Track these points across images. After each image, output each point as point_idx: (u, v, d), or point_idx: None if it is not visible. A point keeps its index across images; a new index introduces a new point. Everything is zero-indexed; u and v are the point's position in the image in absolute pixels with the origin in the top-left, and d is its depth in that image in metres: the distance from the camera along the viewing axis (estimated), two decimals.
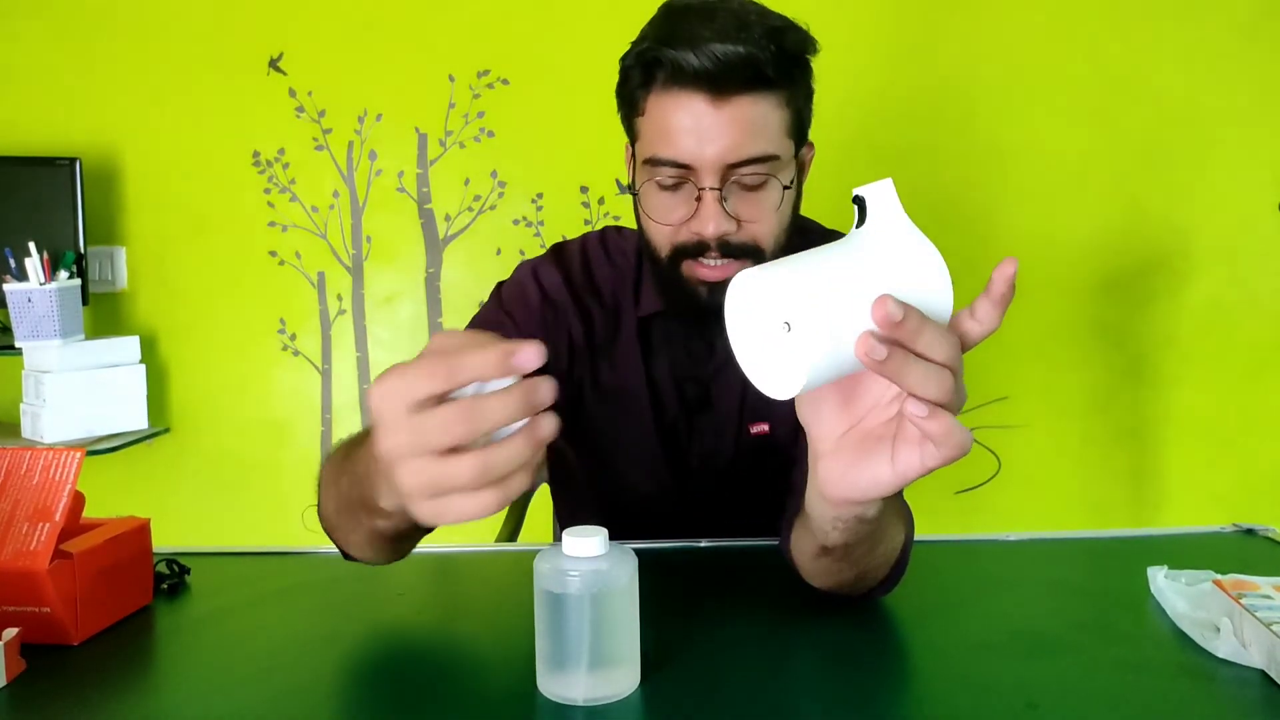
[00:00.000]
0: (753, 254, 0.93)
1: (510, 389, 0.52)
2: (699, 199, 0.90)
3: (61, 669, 0.74)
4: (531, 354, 0.51)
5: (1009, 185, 2.16)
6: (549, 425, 0.53)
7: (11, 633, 0.72)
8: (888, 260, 0.55)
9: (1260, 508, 2.18)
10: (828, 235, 1.10)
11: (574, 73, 2.13)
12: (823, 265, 0.54)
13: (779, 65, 0.88)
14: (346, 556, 0.85)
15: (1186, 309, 2.18)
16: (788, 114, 0.92)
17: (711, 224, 0.89)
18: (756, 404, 1.04)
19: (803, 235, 1.00)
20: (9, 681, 0.71)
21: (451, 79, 2.16)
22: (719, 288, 0.90)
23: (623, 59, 0.94)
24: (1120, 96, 2.14)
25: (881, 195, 0.56)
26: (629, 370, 1.05)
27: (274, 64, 2.15)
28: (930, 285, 0.55)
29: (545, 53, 2.14)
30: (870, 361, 0.51)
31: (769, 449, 1.05)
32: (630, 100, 0.95)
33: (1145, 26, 2.13)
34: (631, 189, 0.99)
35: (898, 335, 0.52)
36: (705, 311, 0.94)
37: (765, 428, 1.06)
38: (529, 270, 1.08)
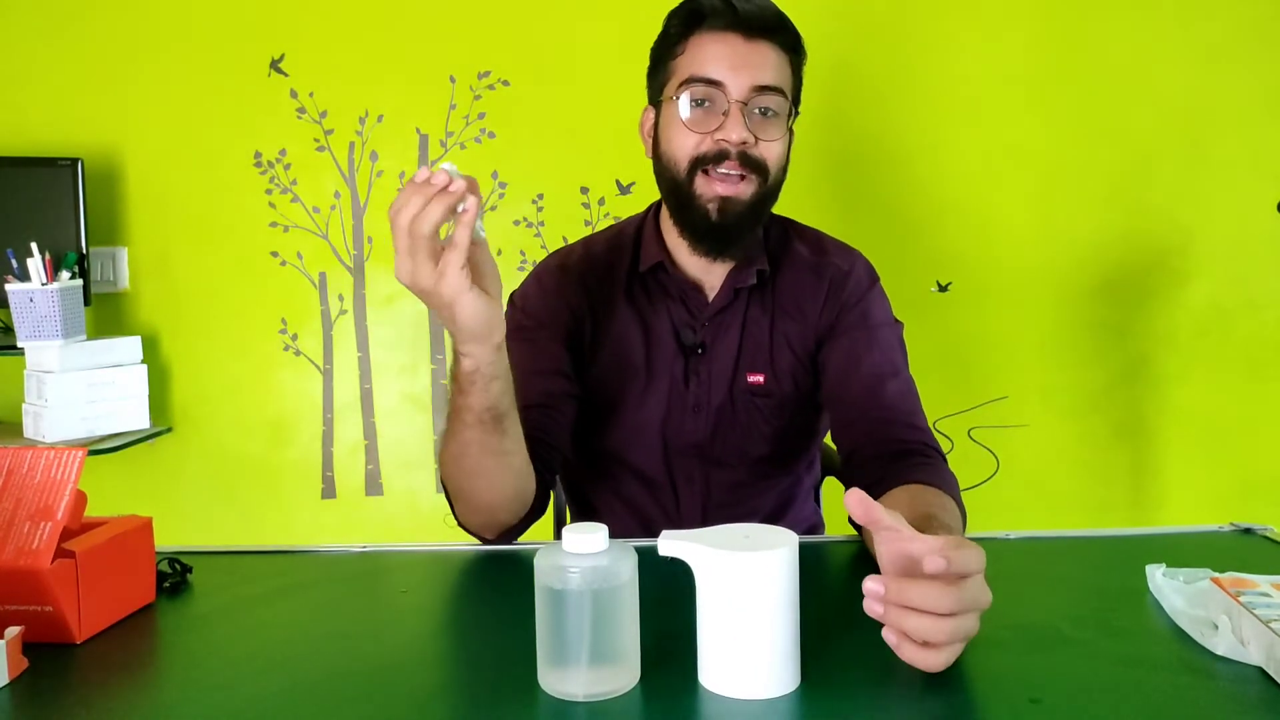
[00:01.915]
0: (762, 171, 1.10)
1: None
2: (726, 114, 1.07)
3: (64, 667, 0.74)
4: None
5: (1009, 185, 2.16)
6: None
7: (14, 631, 0.72)
8: (727, 594, 0.66)
9: (1258, 507, 2.18)
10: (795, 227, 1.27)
11: (574, 74, 2.13)
12: (707, 640, 0.68)
13: (792, 31, 1.11)
14: (479, 536, 1.06)
15: (1186, 309, 2.18)
16: (792, 75, 1.12)
17: (736, 132, 1.07)
18: (754, 355, 1.18)
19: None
20: (11, 680, 0.71)
21: (452, 80, 2.16)
22: (728, 204, 1.09)
23: (667, 16, 1.14)
24: (1120, 96, 2.14)
25: (677, 550, 0.68)
26: (623, 317, 1.19)
27: (275, 65, 2.16)
28: (760, 573, 0.66)
29: (546, 54, 2.14)
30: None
31: (762, 395, 1.19)
32: (670, 45, 1.13)
33: (1145, 26, 2.13)
34: (651, 134, 1.17)
35: (888, 601, 0.67)
36: (713, 230, 1.11)
37: (761, 378, 1.18)
38: (532, 272, 1.25)
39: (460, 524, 1.06)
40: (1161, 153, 2.15)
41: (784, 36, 1.10)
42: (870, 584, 0.67)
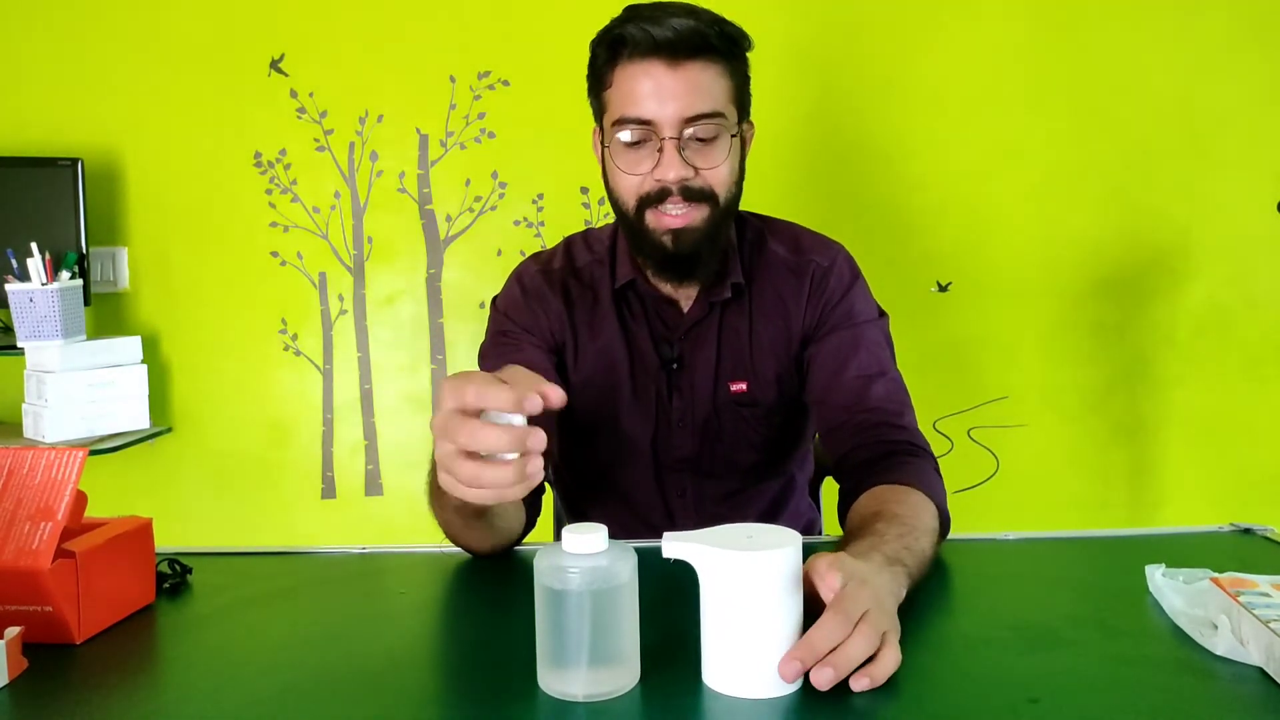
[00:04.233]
0: (710, 199, 1.07)
1: (510, 429, 0.67)
2: (661, 150, 1.04)
3: (63, 668, 0.74)
4: (537, 402, 0.67)
5: (1008, 185, 2.16)
6: (535, 465, 0.68)
7: (14, 631, 0.72)
8: (731, 593, 0.67)
9: (1258, 508, 2.18)
10: (766, 221, 1.23)
11: (574, 74, 2.10)
12: (710, 639, 0.68)
13: (722, 40, 1.05)
14: (473, 553, 1.01)
15: (1185, 309, 2.19)
16: (731, 84, 1.07)
17: (672, 170, 1.04)
18: (734, 364, 1.17)
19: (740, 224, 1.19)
20: (11, 680, 0.71)
21: (452, 80, 2.16)
22: (681, 235, 1.06)
23: (592, 43, 1.11)
24: (1119, 96, 2.14)
25: (681, 551, 0.68)
26: (608, 333, 1.17)
27: (275, 65, 2.16)
28: (763, 572, 0.66)
29: (546, 54, 2.14)
30: (825, 685, 0.65)
31: (748, 404, 1.17)
32: (598, 77, 1.11)
33: (1144, 25, 2.13)
34: (601, 161, 1.13)
35: (813, 668, 0.65)
36: (671, 259, 1.09)
37: (744, 386, 1.17)
38: (512, 275, 1.23)
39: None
40: (1161, 152, 2.15)
41: (712, 52, 1.04)
42: (784, 667, 0.65)
